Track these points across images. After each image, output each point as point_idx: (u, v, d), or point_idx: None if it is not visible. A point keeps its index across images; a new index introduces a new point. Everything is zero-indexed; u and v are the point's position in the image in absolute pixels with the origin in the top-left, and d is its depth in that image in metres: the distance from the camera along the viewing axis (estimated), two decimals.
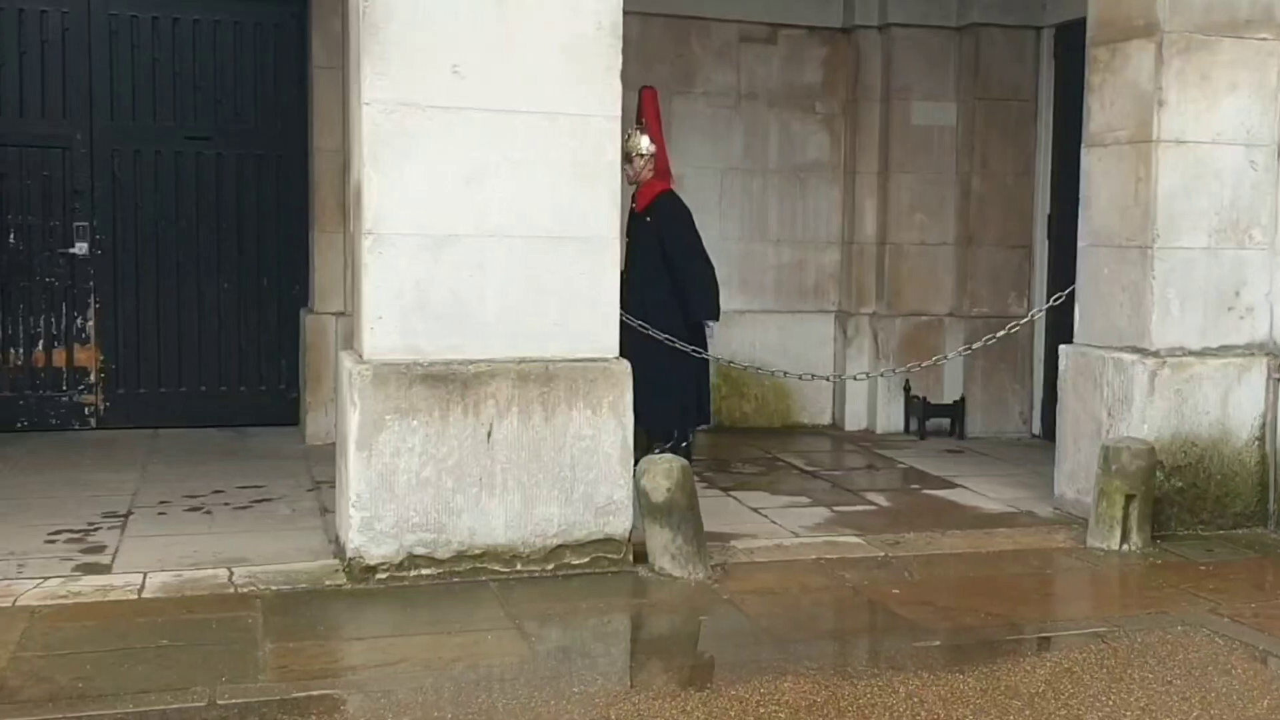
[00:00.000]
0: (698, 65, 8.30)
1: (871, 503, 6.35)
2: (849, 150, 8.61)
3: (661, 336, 6.25)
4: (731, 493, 6.43)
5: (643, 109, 7.06)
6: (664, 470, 4.79)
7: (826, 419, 8.67)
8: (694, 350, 6.48)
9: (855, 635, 4.43)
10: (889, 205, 8.45)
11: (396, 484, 4.61)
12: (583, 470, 4.80)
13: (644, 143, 6.95)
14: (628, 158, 6.75)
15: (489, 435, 4.70)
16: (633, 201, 6.94)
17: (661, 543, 4.78)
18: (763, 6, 8.36)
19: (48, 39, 7.54)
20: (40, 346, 7.67)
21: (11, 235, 7.56)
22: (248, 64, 7.90)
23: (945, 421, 8.34)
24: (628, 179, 6.79)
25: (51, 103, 7.58)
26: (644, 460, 4.89)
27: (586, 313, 4.87)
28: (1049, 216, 8.32)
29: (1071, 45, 7.44)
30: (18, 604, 4.31)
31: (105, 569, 4.82)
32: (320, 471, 6.51)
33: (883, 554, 5.21)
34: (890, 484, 6.92)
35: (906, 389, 8.33)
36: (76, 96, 7.61)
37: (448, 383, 4.65)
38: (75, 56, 7.59)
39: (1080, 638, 4.21)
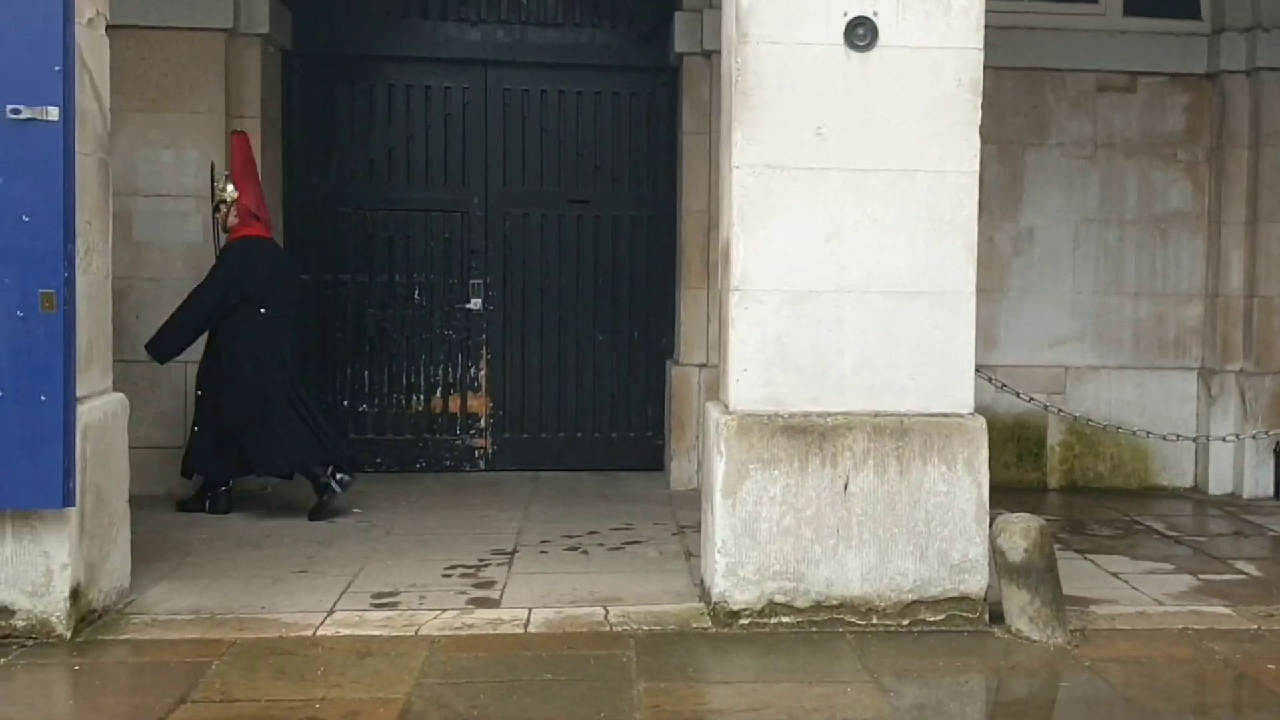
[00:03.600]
0: (1051, 116, 8.18)
1: (1241, 572, 6.05)
2: (1214, 199, 8.24)
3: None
4: (1088, 555, 6.28)
5: (231, 154, 6.90)
6: (1021, 530, 4.75)
7: (1187, 481, 8.28)
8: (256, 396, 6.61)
9: (1227, 711, 4.28)
10: (1258, 256, 8.04)
11: (759, 532, 4.78)
12: (937, 526, 4.84)
13: (229, 190, 6.74)
14: (217, 206, 6.79)
15: (845, 487, 4.81)
16: None
17: (1018, 604, 4.76)
18: (1121, 56, 8.15)
19: (450, 113, 8.27)
20: (438, 394, 8.34)
21: (416, 292, 8.30)
22: (623, 132, 8.39)
23: None
24: (220, 227, 6.82)
25: (452, 170, 8.29)
26: (1000, 519, 4.86)
27: (940, 367, 4.90)
28: None
29: None
30: (420, 633, 4.71)
31: (494, 603, 5.16)
32: (684, 516, 6.80)
33: (1255, 626, 5.00)
34: (1260, 552, 6.56)
35: (1277, 451, 7.87)
36: (474, 164, 8.27)
37: (806, 434, 4.79)
38: (474, 128, 8.27)
39: None
